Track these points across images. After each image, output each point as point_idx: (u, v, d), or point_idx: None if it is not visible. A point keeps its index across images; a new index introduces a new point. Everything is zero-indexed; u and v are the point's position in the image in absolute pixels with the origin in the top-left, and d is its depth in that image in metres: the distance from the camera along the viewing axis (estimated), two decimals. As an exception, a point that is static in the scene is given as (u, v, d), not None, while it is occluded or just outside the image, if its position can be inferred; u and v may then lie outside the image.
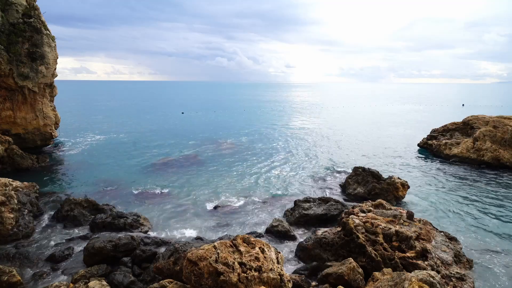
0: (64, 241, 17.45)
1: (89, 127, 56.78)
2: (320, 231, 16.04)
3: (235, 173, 30.72)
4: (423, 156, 38.13)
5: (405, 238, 14.19)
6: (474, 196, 24.84)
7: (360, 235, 14.32)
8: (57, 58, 37.92)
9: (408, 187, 24.77)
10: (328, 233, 15.65)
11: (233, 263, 10.53)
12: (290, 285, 11.16)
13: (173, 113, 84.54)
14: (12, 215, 17.54)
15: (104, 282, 12.36)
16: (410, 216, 16.29)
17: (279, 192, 25.84)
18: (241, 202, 23.69)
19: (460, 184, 27.60)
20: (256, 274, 10.54)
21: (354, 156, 37.87)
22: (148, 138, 47.75)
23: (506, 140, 33.69)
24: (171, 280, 11.78)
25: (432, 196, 24.91)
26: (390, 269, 12.43)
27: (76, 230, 18.78)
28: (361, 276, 12.71)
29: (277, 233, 18.04)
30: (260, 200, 24.13)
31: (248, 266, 10.64)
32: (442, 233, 16.28)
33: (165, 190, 25.78)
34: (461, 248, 15.53)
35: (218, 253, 10.70)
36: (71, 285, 12.65)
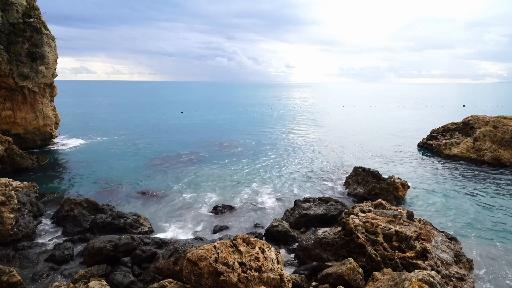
0: (64, 241, 17.44)
1: (89, 127, 56.80)
2: (320, 231, 16.03)
3: (235, 173, 30.71)
4: (423, 156, 38.12)
5: (405, 238, 14.19)
6: (474, 196, 24.84)
7: (360, 235, 14.31)
8: (57, 58, 37.96)
9: (408, 187, 24.78)
10: (328, 233, 15.64)
11: (233, 263, 10.53)
12: (290, 285, 11.16)
13: (173, 112, 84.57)
14: (12, 215, 17.54)
15: (104, 282, 12.35)
16: (410, 216, 16.29)
17: (279, 192, 25.84)
18: (241, 202, 23.70)
19: (460, 184, 27.60)
20: (256, 274, 10.54)
21: (354, 156, 37.87)
22: (148, 138, 47.77)
23: (506, 140, 33.70)
24: (171, 280, 11.78)
25: (432, 196, 24.91)
26: (390, 269, 12.43)
27: (76, 230, 18.77)
28: (361, 276, 12.70)
29: (277, 233, 18.03)
30: (260, 200, 24.13)
31: (248, 266, 10.64)
32: (442, 233, 16.28)
33: (165, 190, 25.78)
34: (461, 248, 15.52)
35: (218, 253, 10.70)
36: (71, 285, 12.65)
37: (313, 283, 12.98)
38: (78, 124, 59.74)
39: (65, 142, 42.77)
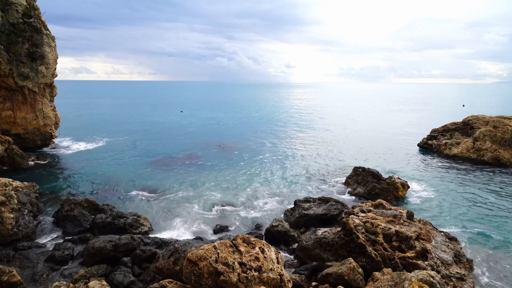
0: (64, 241, 17.43)
1: (89, 127, 56.80)
2: (320, 231, 16.03)
3: (235, 173, 30.70)
4: (423, 156, 38.12)
5: (405, 238, 14.19)
6: (474, 196, 24.84)
7: (360, 235, 14.31)
8: (57, 58, 37.94)
9: (408, 187, 24.78)
10: (328, 233, 15.64)
11: (233, 263, 10.53)
12: (290, 285, 11.16)
13: (173, 113, 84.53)
14: (12, 215, 17.54)
15: (104, 282, 12.36)
16: (410, 216, 16.29)
17: (279, 192, 25.84)
18: (241, 202, 23.69)
19: (460, 184, 27.59)
20: (256, 274, 10.54)
21: (354, 156, 37.87)
22: (148, 138, 47.77)
23: (506, 140, 33.70)
24: (171, 280, 11.78)
25: (432, 196, 24.89)
26: (390, 269, 12.43)
27: (76, 230, 18.77)
28: (361, 276, 12.70)
29: (277, 233, 18.03)
30: (260, 200, 24.13)
31: (248, 266, 10.64)
32: (442, 233, 16.27)
33: (165, 190, 25.78)
34: (461, 248, 15.51)
35: (218, 253, 10.70)
36: (71, 285, 12.65)
37: (313, 283, 12.98)
38: (78, 124, 59.72)
39: (65, 143, 42.76)
